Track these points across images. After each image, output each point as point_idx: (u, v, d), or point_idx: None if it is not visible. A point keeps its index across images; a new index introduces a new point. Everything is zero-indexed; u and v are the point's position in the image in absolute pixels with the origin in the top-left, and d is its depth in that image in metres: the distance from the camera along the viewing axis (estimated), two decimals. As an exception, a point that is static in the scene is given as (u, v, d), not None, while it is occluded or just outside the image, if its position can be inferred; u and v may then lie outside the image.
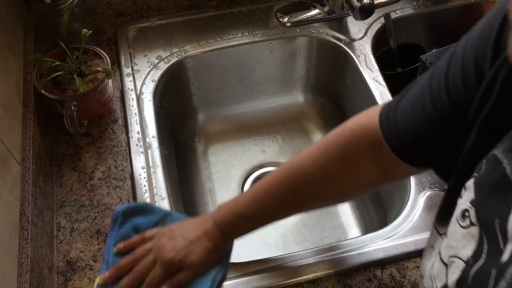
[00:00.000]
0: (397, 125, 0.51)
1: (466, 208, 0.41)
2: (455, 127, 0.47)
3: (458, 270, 0.41)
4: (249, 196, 0.61)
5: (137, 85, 0.89)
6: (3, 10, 0.76)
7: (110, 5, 0.97)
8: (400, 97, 0.53)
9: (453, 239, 0.42)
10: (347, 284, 0.67)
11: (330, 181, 0.58)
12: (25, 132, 0.72)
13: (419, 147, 0.50)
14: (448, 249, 0.43)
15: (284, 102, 1.10)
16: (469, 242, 0.40)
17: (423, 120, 0.48)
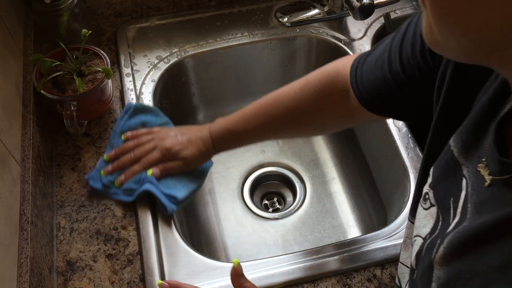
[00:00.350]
0: (362, 78, 0.57)
1: (426, 191, 0.45)
2: (405, 88, 0.52)
3: (417, 246, 0.45)
4: (240, 116, 0.71)
5: (137, 85, 0.89)
6: (3, 10, 0.76)
7: (110, 5, 0.97)
8: (370, 52, 0.58)
9: (417, 220, 0.46)
10: (347, 284, 0.67)
11: (305, 115, 0.66)
12: (24, 132, 0.72)
13: (378, 99, 0.57)
14: (415, 230, 0.47)
15: (284, 102, 1.10)
16: (429, 222, 0.44)
17: (381, 78, 0.54)
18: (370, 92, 0.57)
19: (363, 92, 0.57)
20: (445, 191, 0.42)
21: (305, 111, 0.66)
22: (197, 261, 0.69)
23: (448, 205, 0.41)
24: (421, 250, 0.43)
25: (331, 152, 1.04)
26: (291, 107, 0.66)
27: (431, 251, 0.40)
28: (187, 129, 0.77)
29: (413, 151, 0.81)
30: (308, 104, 0.65)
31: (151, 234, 0.71)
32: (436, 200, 0.43)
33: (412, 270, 0.46)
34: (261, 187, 1.02)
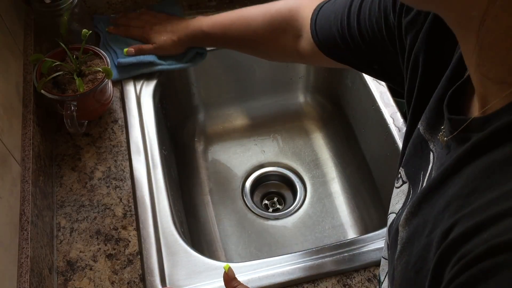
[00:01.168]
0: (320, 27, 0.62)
1: (399, 171, 0.48)
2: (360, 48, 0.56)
3: (390, 221, 0.48)
4: (215, 21, 0.80)
5: (137, 85, 0.89)
6: (3, 10, 0.76)
7: (110, 5, 0.97)
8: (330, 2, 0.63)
9: (391, 200, 0.49)
10: (347, 284, 0.67)
11: (261, 41, 0.75)
12: (25, 132, 0.72)
13: (336, 50, 0.61)
14: (389, 210, 0.49)
15: (284, 102, 1.10)
16: (401, 198, 0.46)
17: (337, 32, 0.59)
18: (328, 42, 0.62)
19: (322, 40, 0.63)
20: (415, 167, 0.45)
21: (262, 37, 0.74)
22: (197, 261, 0.69)
23: (419, 179, 0.44)
24: (392, 223, 0.46)
25: (331, 152, 1.04)
26: (249, 32, 0.75)
27: (399, 218, 0.43)
28: (169, 19, 0.87)
29: (413, 151, 0.81)
30: (265, 31, 0.73)
31: (151, 234, 0.71)
32: (408, 177, 0.46)
33: (386, 248, 0.48)
34: (261, 187, 1.02)
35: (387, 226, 0.49)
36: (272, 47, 0.75)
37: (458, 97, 0.39)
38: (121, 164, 0.79)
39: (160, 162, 0.79)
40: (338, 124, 1.06)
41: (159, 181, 0.77)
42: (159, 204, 0.75)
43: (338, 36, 0.59)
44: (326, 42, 0.62)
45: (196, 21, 0.84)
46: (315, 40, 0.64)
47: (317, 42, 0.64)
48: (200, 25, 0.82)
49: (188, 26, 0.84)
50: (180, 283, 0.67)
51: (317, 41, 0.64)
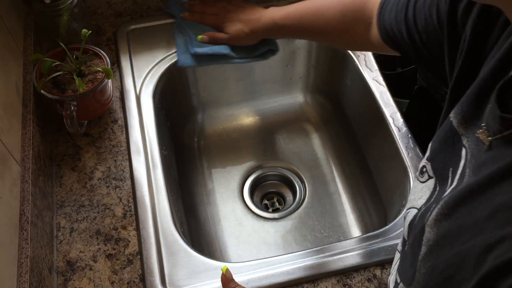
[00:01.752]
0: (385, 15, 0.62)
1: (424, 164, 0.46)
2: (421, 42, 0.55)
3: (410, 217, 0.45)
4: (288, 13, 0.79)
5: (137, 85, 0.89)
6: (3, 10, 0.76)
7: (110, 5, 0.97)
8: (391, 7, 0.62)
9: (412, 194, 0.47)
10: (347, 284, 0.67)
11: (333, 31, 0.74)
12: (24, 132, 0.72)
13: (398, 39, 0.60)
14: (408, 204, 0.47)
15: (284, 102, 1.10)
16: (425, 193, 0.44)
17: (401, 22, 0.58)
18: (391, 31, 0.61)
19: (385, 29, 0.62)
20: (444, 162, 0.42)
21: (335, 28, 0.73)
22: (197, 261, 0.69)
23: (447, 175, 0.41)
24: (414, 219, 0.43)
25: (331, 152, 1.04)
26: (324, 21, 0.74)
27: (424, 216, 0.40)
28: (243, 8, 0.87)
29: (413, 151, 0.81)
30: (338, 21, 0.72)
31: (151, 234, 0.71)
32: (434, 172, 0.44)
33: (403, 242, 0.46)
34: (261, 187, 1.02)
35: (405, 221, 0.47)
36: (345, 37, 0.74)
37: (505, 92, 0.36)
38: (121, 164, 0.79)
39: (160, 162, 0.79)
40: (338, 124, 1.06)
41: (159, 181, 0.77)
42: (159, 204, 0.75)
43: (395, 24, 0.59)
44: (386, 30, 0.62)
45: (268, 12, 0.83)
46: (379, 28, 0.64)
47: (379, 30, 0.64)
48: (272, 17, 0.81)
49: (261, 17, 0.83)
50: (180, 283, 0.67)
51: (379, 29, 0.64)
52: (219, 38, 0.86)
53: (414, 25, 0.55)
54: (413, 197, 0.47)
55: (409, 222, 0.45)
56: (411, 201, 0.47)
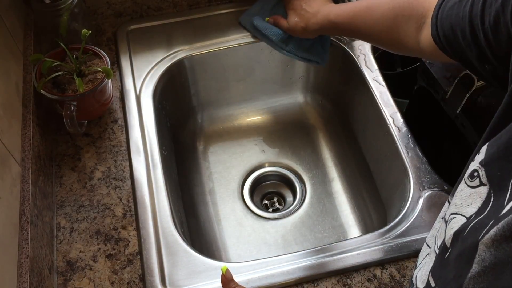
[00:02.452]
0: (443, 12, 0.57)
1: (475, 168, 0.42)
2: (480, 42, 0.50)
3: (457, 224, 0.41)
4: (342, 11, 0.78)
5: (137, 85, 0.89)
6: (3, 10, 0.76)
7: (110, 5, 0.97)
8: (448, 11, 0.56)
9: (459, 198, 0.43)
10: (347, 284, 0.67)
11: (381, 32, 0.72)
12: (24, 132, 0.72)
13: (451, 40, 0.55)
14: (451, 207, 0.43)
15: (284, 102, 1.10)
16: (475, 201, 0.40)
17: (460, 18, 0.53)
18: (448, 30, 0.55)
19: (442, 27, 0.57)
20: (503, 172, 0.39)
21: (384, 27, 0.71)
22: (197, 261, 0.69)
23: (506, 186, 0.38)
24: (463, 230, 0.40)
25: (331, 152, 1.04)
26: (374, 20, 0.72)
27: (478, 231, 0.37)
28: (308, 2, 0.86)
29: (413, 151, 0.81)
30: (388, 19, 0.70)
31: (151, 234, 0.71)
32: (489, 180, 0.40)
33: (444, 248, 0.43)
34: (261, 187, 1.02)
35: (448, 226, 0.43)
36: (394, 37, 0.70)
37: None
38: (121, 164, 0.79)
39: (160, 162, 0.79)
40: (338, 124, 1.06)
41: (159, 181, 0.77)
42: (159, 204, 0.75)
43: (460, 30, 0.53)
44: (443, 29, 0.57)
45: (326, 8, 0.82)
46: (432, 31, 0.59)
47: (433, 29, 0.58)
48: (327, 14, 0.80)
49: (317, 13, 0.82)
50: (180, 283, 0.67)
51: (433, 28, 0.58)
52: (280, 25, 0.89)
53: (481, 22, 0.49)
54: (459, 202, 0.43)
55: (456, 231, 0.41)
56: (457, 206, 0.43)
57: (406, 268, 0.68)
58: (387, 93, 0.89)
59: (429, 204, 0.74)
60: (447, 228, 0.43)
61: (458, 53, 0.56)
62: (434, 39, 0.59)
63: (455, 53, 0.57)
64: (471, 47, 0.52)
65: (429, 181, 0.77)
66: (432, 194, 0.75)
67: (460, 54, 0.55)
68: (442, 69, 0.82)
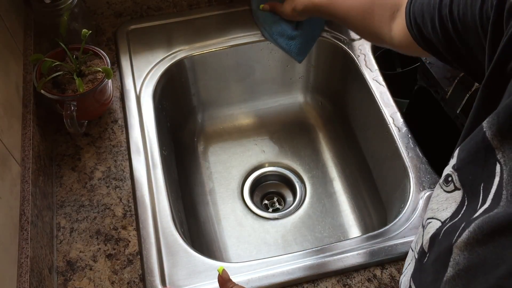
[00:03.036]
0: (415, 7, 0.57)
1: (449, 173, 0.42)
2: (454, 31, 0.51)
3: (433, 229, 0.42)
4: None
5: (137, 85, 0.89)
6: (3, 10, 0.76)
7: (110, 5, 0.97)
8: None
9: (435, 203, 0.43)
10: (347, 284, 0.67)
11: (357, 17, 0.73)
12: (24, 132, 0.72)
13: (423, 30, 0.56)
14: (428, 212, 0.44)
15: (284, 102, 1.10)
16: (450, 205, 0.41)
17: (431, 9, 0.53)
18: (420, 18, 0.56)
19: (414, 16, 0.58)
20: (474, 176, 0.39)
21: (361, 12, 0.72)
22: (197, 261, 0.69)
23: (477, 190, 0.38)
24: (438, 233, 0.41)
25: (331, 152, 1.04)
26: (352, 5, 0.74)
27: (451, 235, 0.38)
28: None
29: (413, 151, 0.81)
30: (364, 4, 0.71)
31: (151, 234, 0.71)
32: (462, 184, 0.41)
33: (422, 253, 0.44)
34: (261, 187, 1.02)
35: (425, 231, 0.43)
36: (368, 24, 0.72)
37: None
38: (121, 164, 0.79)
39: (160, 162, 0.79)
40: (338, 124, 1.06)
41: (159, 181, 0.77)
42: (159, 204, 0.75)
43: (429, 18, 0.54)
44: (415, 17, 0.57)
45: None
46: (406, 19, 0.60)
47: (407, 17, 0.60)
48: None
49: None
50: (180, 283, 0.67)
51: (406, 16, 0.60)
52: (277, 9, 0.92)
53: (449, 11, 0.50)
54: (436, 206, 0.43)
55: (432, 235, 0.42)
56: (433, 210, 0.43)
57: (406, 268, 0.68)
58: (387, 93, 0.89)
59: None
60: (424, 233, 0.44)
61: (428, 42, 0.56)
62: (407, 26, 0.59)
63: (425, 41, 0.57)
64: (440, 36, 0.53)
65: (429, 181, 0.77)
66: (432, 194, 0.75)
67: (430, 43, 0.56)
68: (442, 69, 0.82)
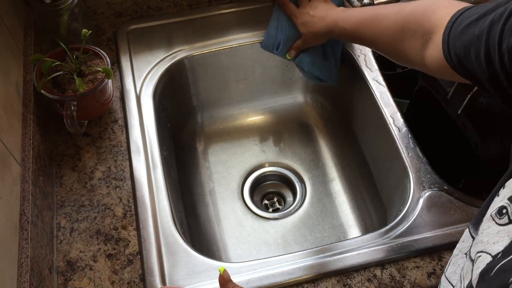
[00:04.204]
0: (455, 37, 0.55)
1: (504, 205, 0.40)
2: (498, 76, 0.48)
3: (483, 263, 0.40)
4: (349, 15, 0.78)
5: (137, 85, 0.89)
6: (3, 10, 0.76)
7: (110, 5, 0.97)
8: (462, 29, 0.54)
9: (485, 235, 0.41)
10: (347, 284, 0.67)
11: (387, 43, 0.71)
12: (25, 132, 0.72)
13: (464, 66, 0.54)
14: (477, 245, 0.42)
15: (284, 102, 1.10)
16: (502, 239, 0.39)
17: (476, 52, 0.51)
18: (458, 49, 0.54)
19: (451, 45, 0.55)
20: None
21: (390, 38, 0.70)
22: (197, 261, 0.69)
23: None
24: (489, 269, 0.39)
25: (331, 152, 1.04)
26: (380, 29, 0.72)
27: (508, 273, 0.36)
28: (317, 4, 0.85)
29: (413, 151, 0.81)
30: (394, 31, 0.69)
31: (151, 234, 0.71)
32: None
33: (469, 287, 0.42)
34: (261, 187, 1.02)
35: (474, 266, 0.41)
36: (398, 50, 0.69)
37: None
38: (121, 164, 0.79)
39: (160, 162, 0.79)
40: (338, 124, 1.06)
41: (159, 181, 0.77)
42: (159, 204, 0.75)
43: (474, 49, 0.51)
44: (457, 54, 0.55)
45: (333, 13, 0.81)
46: (444, 48, 0.57)
47: (446, 52, 0.57)
48: (335, 18, 0.80)
49: (325, 17, 0.81)
50: (180, 283, 0.67)
51: (444, 45, 0.57)
52: (300, 45, 0.88)
53: (498, 43, 0.47)
54: (486, 239, 0.41)
55: (482, 270, 0.39)
56: (483, 243, 0.41)
57: (406, 268, 0.68)
58: (387, 93, 0.89)
59: (429, 204, 0.74)
60: (473, 268, 0.42)
61: (469, 72, 0.54)
62: (445, 57, 0.57)
63: (465, 72, 0.55)
64: (484, 68, 0.50)
65: (429, 181, 0.77)
66: (432, 194, 0.75)
67: (471, 74, 0.54)
68: (442, 69, 0.82)
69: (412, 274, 0.68)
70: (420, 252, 0.70)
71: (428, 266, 0.69)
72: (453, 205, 0.74)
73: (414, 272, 0.68)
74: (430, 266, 0.69)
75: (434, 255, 0.70)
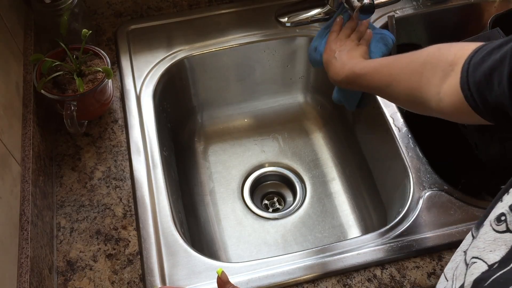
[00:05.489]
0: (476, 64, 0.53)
1: (503, 212, 0.39)
2: None
3: (478, 271, 0.39)
4: (368, 63, 0.76)
5: (137, 85, 0.89)
6: (3, 10, 0.76)
7: (110, 5, 0.97)
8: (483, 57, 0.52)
9: (482, 241, 0.41)
10: (347, 284, 0.67)
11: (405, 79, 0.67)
12: (25, 132, 0.72)
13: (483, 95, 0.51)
14: (473, 250, 0.42)
15: (284, 102, 1.10)
16: (499, 248, 0.38)
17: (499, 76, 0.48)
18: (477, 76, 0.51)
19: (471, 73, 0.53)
20: None
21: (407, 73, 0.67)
22: (197, 261, 0.69)
23: None
24: (484, 279, 0.38)
25: (331, 152, 1.04)
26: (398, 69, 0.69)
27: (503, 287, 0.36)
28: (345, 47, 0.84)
29: (413, 151, 0.81)
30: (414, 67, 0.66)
31: (151, 234, 0.71)
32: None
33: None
34: (261, 187, 1.02)
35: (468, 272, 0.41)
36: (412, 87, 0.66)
37: None
38: (121, 164, 0.79)
39: (160, 162, 0.79)
40: (338, 124, 1.06)
41: (159, 181, 0.77)
42: (159, 204, 0.75)
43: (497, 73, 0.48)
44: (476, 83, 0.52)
45: (352, 61, 0.79)
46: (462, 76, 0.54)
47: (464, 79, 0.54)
48: (353, 66, 0.78)
49: (344, 66, 0.79)
50: (180, 283, 0.67)
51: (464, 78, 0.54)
52: None
53: None
54: (482, 245, 0.40)
55: (476, 278, 0.39)
56: (479, 249, 0.40)
57: (406, 268, 0.68)
58: (387, 93, 0.89)
59: (429, 204, 0.74)
60: (467, 273, 0.41)
61: (489, 106, 0.51)
62: (461, 87, 0.54)
63: (485, 104, 0.52)
64: (507, 93, 0.47)
65: (429, 181, 0.77)
66: (432, 194, 0.75)
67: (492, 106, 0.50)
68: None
69: (412, 274, 0.68)
70: (420, 252, 0.70)
71: (428, 266, 0.69)
72: (453, 205, 0.74)
73: (414, 272, 0.68)
74: (430, 266, 0.69)
75: (434, 255, 0.70)
